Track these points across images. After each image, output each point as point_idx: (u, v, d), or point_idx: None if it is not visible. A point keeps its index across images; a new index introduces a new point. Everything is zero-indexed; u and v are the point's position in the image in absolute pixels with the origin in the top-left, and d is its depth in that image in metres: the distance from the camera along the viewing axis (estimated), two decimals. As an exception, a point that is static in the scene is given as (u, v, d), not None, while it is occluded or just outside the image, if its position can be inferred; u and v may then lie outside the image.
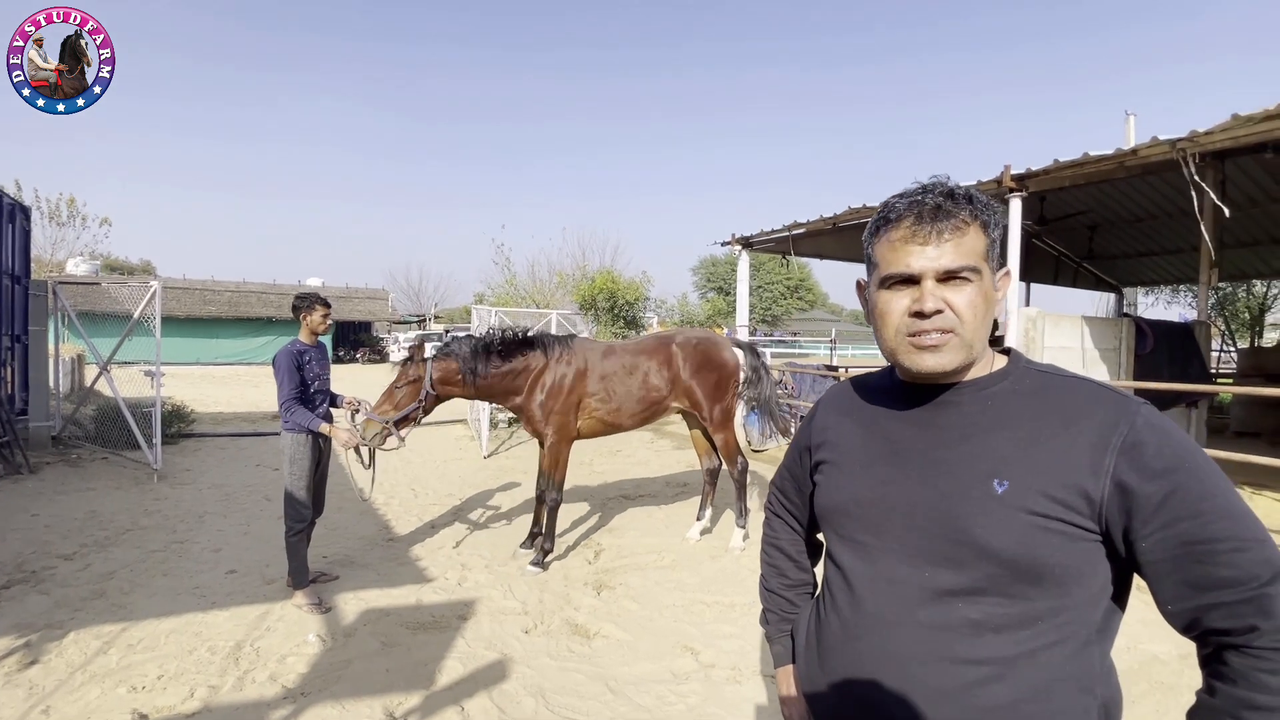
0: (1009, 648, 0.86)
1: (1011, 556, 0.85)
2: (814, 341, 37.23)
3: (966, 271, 0.89)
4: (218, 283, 27.48)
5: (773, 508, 1.34)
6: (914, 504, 0.94)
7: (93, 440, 7.63)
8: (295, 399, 3.70)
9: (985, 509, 0.87)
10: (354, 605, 3.74)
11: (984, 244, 0.92)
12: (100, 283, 7.87)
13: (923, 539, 0.92)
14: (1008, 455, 0.88)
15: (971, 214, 0.91)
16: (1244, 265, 11.88)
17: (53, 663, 3.03)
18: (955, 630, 0.89)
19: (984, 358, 0.97)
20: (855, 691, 0.97)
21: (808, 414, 1.23)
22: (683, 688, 2.94)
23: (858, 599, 0.98)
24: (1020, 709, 0.86)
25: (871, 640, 0.95)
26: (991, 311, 0.93)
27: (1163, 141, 4.67)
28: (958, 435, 0.93)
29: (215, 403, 13.15)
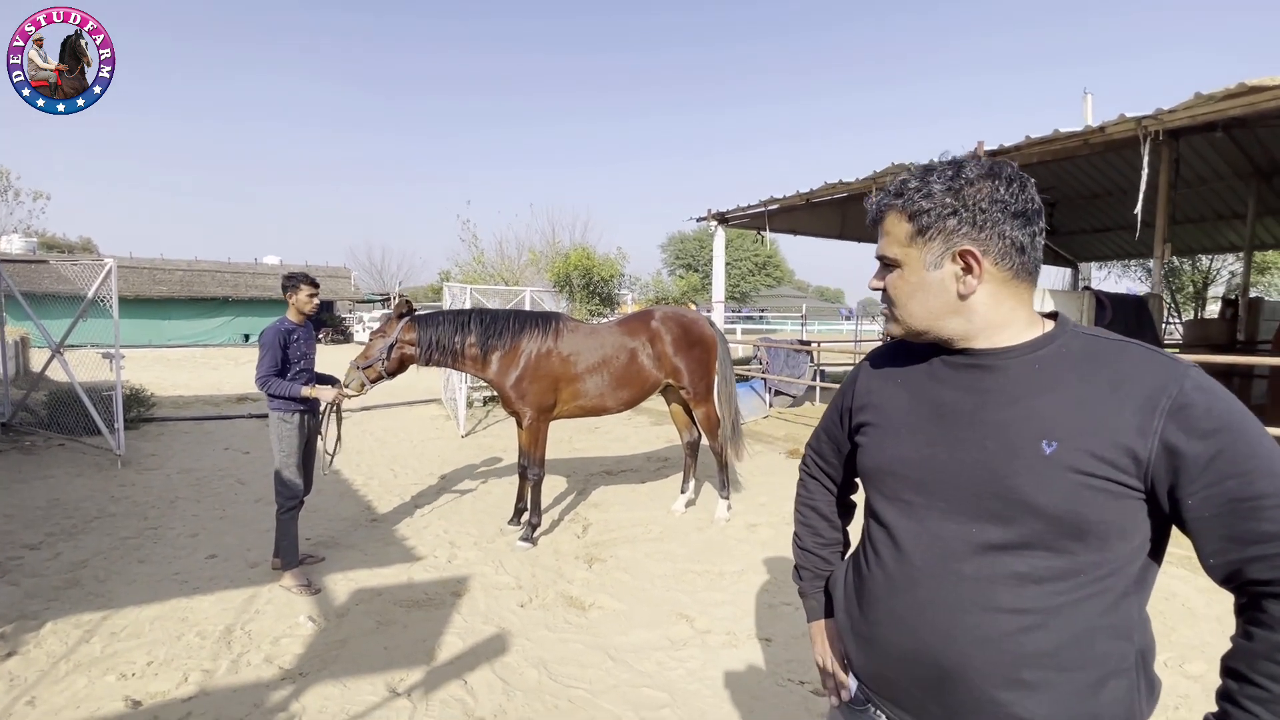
0: (1051, 598, 0.91)
1: (1058, 513, 0.89)
2: (780, 317, 37.76)
3: (889, 259, 1.04)
4: (168, 261, 26.26)
5: (808, 469, 1.38)
6: (961, 463, 0.98)
7: (46, 426, 7.29)
8: (273, 375, 3.62)
9: (1033, 468, 0.91)
10: (344, 586, 3.70)
11: (906, 230, 1.01)
12: (49, 260, 7.43)
13: (969, 496, 0.96)
14: (1056, 417, 0.92)
15: (900, 206, 1.02)
16: (1190, 240, 12.44)
17: (32, 653, 2.93)
18: (999, 582, 0.93)
19: (1033, 322, 1.00)
20: (900, 640, 1.02)
21: (848, 378, 1.26)
22: (681, 653, 3.02)
23: (903, 553, 1.02)
24: (1061, 655, 0.91)
25: (917, 592, 1.00)
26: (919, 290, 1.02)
27: (1129, 119, 4.83)
28: (1006, 398, 0.97)
29: (174, 386, 12.65)
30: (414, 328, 4.28)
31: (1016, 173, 1.00)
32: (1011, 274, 0.98)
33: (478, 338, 4.35)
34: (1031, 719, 0.91)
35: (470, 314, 4.46)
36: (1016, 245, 0.97)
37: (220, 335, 25.80)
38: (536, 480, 4.47)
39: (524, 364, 4.39)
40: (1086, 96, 10.52)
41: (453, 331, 4.33)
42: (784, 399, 9.87)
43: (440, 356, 4.34)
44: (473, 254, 19.32)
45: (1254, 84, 4.14)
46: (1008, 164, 1.02)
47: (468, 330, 4.36)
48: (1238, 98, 4.36)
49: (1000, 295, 0.99)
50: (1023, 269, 0.98)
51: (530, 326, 4.49)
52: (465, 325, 4.37)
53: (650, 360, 4.71)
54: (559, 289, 12.58)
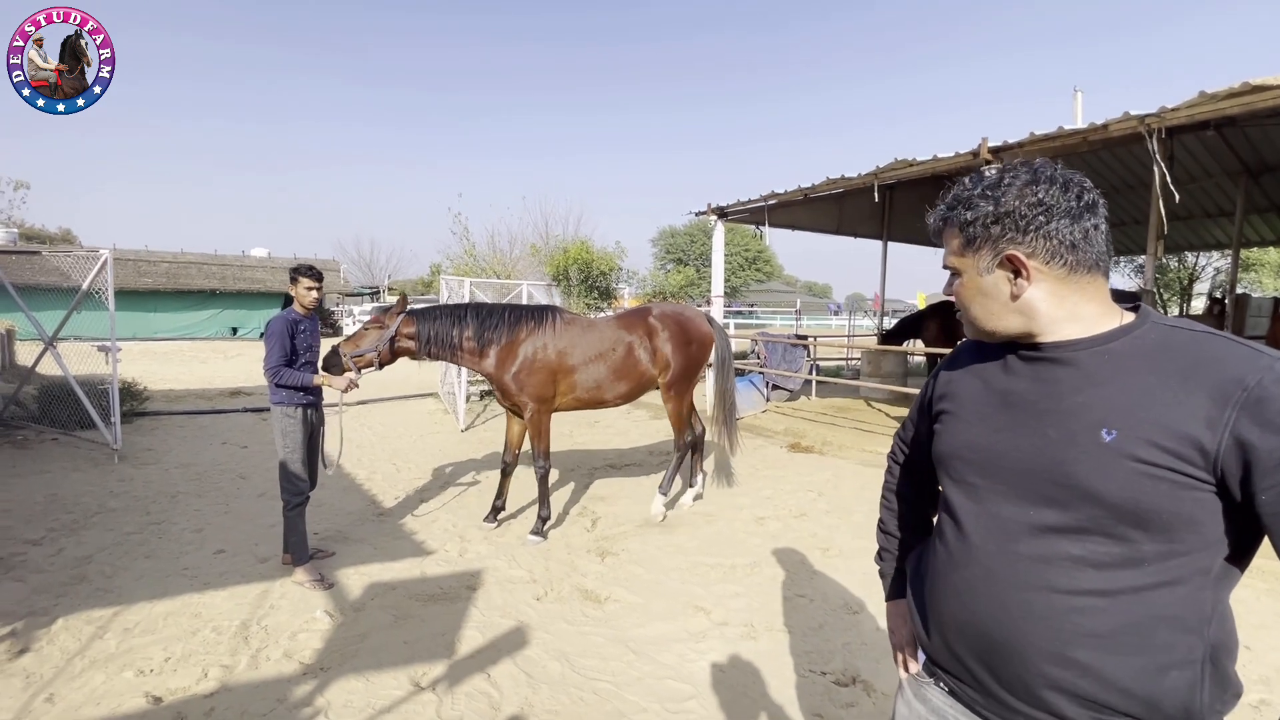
0: (1109, 583, 0.93)
1: (1115, 501, 0.91)
2: (770, 312, 37.85)
3: (951, 269, 1.10)
4: (153, 253, 25.74)
5: (894, 457, 1.45)
6: (1021, 449, 1.02)
7: (38, 421, 7.16)
8: (283, 365, 3.59)
9: (1091, 455, 0.93)
10: (357, 580, 3.68)
11: (958, 241, 1.06)
12: (41, 252, 7.29)
13: (1028, 480, 1.00)
14: (1117, 405, 0.94)
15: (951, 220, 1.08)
16: (1179, 238, 12.63)
17: (45, 650, 2.89)
18: (1054, 562, 0.96)
19: (1110, 314, 1.01)
20: (958, 613, 1.07)
21: (934, 371, 1.31)
22: (701, 645, 3.04)
23: (964, 532, 1.07)
24: (1117, 639, 0.92)
25: (973, 569, 1.04)
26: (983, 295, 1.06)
27: (1132, 116, 4.89)
28: (1071, 388, 0.99)
29: (163, 380, 12.46)
30: (413, 321, 4.27)
31: (1060, 173, 1.02)
32: (1067, 270, 0.99)
33: (475, 331, 4.36)
34: (1079, 693, 0.94)
35: (467, 308, 4.46)
36: (1067, 243, 0.99)
37: (208, 328, 25.40)
38: (543, 473, 4.47)
39: (522, 357, 4.39)
40: (1077, 94, 10.63)
41: (450, 325, 4.34)
42: (781, 393, 9.93)
43: (438, 350, 4.35)
44: (464, 247, 19.20)
45: (1258, 83, 4.20)
46: (1050, 165, 1.04)
47: (465, 324, 4.37)
48: (1240, 97, 4.42)
49: (1061, 292, 1.00)
50: (1080, 264, 0.99)
51: (527, 320, 4.50)
52: (462, 319, 4.38)
53: (647, 355, 4.71)
54: (557, 282, 12.54)
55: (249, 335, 25.70)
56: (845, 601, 3.44)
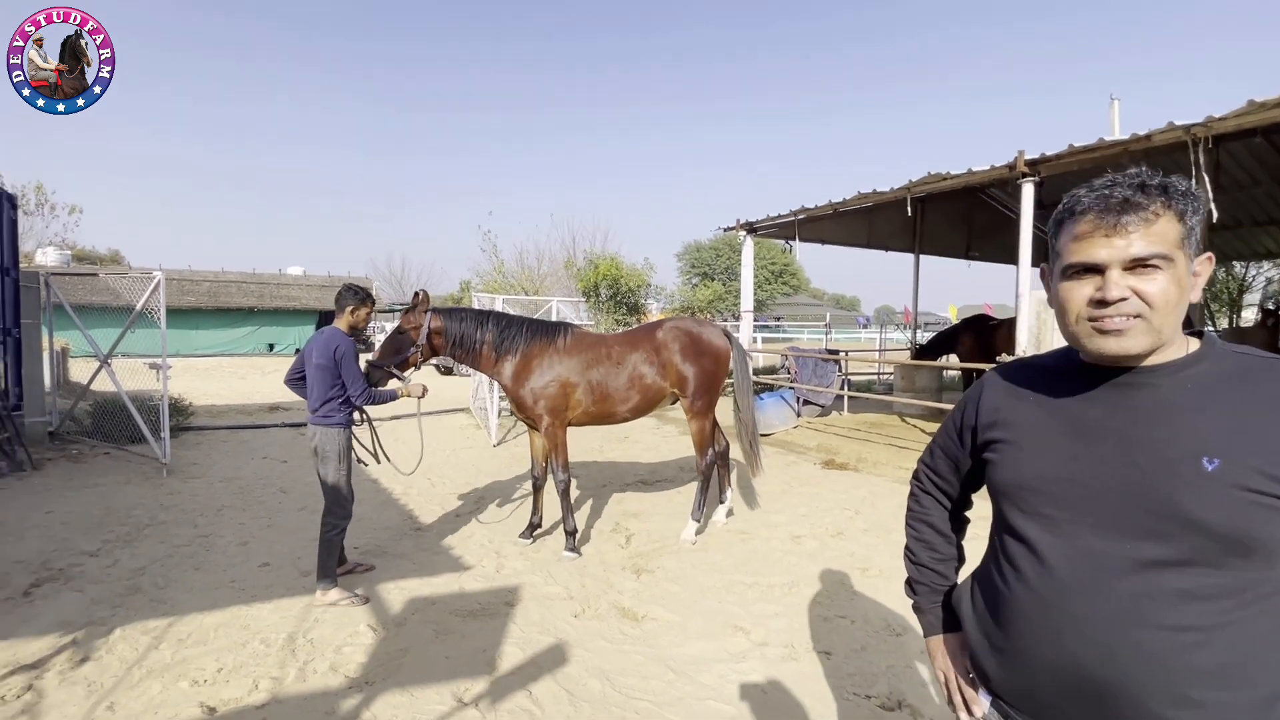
0: (1215, 615, 0.90)
1: (1224, 530, 0.89)
2: (798, 326, 37.54)
3: (1156, 259, 0.93)
4: (195, 272, 26.73)
5: (922, 485, 1.39)
6: (1109, 480, 0.97)
7: (91, 435, 7.45)
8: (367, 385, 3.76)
9: (1195, 485, 0.90)
10: (397, 595, 3.74)
11: (1178, 231, 0.95)
12: (98, 274, 7.63)
13: (1121, 513, 0.95)
14: (1216, 434, 0.92)
15: (1165, 203, 0.94)
16: (1227, 247, 12.22)
17: (105, 659, 2.99)
18: (1161, 598, 0.92)
19: (1175, 341, 1.00)
20: (1051, 655, 1.00)
21: (969, 396, 1.26)
22: (742, 666, 3.00)
23: (1050, 570, 1.01)
24: (1228, 673, 0.90)
25: (1070, 607, 0.98)
26: (1185, 297, 0.96)
27: (1177, 126, 4.79)
28: (1158, 415, 0.97)
29: (204, 396, 12.87)
30: (441, 318, 4.34)
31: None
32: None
33: (495, 337, 4.43)
34: None
35: (490, 314, 4.56)
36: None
37: (246, 345, 26.19)
38: (564, 487, 4.48)
39: (535, 371, 4.44)
40: (1113, 103, 10.42)
41: (475, 327, 4.42)
42: (812, 408, 9.82)
43: (462, 353, 4.42)
44: (493, 264, 19.54)
45: (1310, 90, 4.09)
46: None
47: (486, 328, 4.45)
48: (1291, 104, 4.31)
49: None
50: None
51: (541, 335, 4.56)
52: (485, 323, 4.46)
53: (656, 369, 4.67)
54: (586, 298, 12.66)
55: (284, 351, 26.42)
56: (888, 623, 3.37)
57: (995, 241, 11.80)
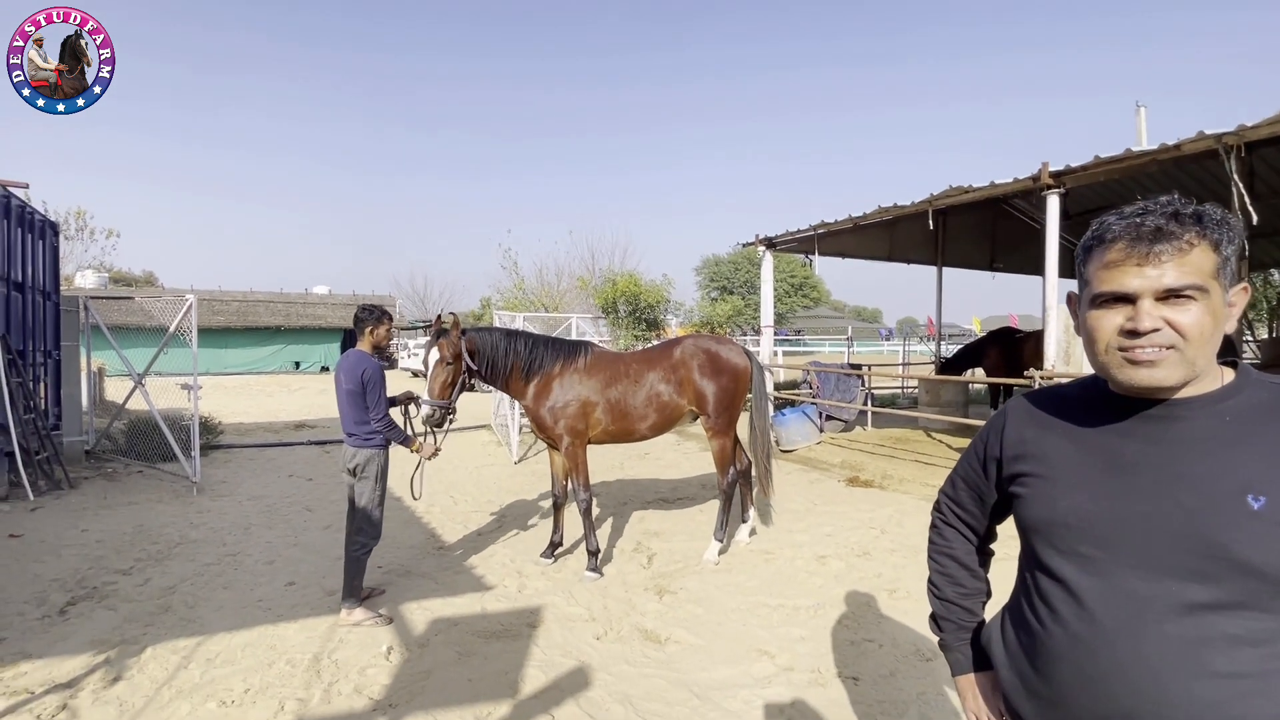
0: (1269, 661, 0.86)
1: (1275, 572, 0.85)
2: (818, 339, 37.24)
3: (1190, 290, 0.90)
4: (225, 292, 27.50)
5: (944, 517, 1.35)
6: (1149, 517, 0.93)
7: (125, 454, 7.65)
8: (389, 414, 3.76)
9: (1242, 524, 0.87)
10: (420, 615, 3.74)
11: (1213, 262, 0.91)
12: (134, 297, 7.89)
13: (1165, 553, 0.91)
14: (1260, 470, 0.88)
15: (1199, 233, 0.91)
16: (1263, 255, 11.87)
17: (136, 679, 3.04)
18: (1211, 644, 0.88)
19: (1210, 373, 0.96)
20: (1096, 704, 0.96)
21: (991, 426, 1.22)
22: (767, 691, 2.95)
23: (1089, 611, 0.97)
24: None
25: (1115, 653, 0.94)
26: (1220, 328, 0.93)
27: (1208, 135, 4.68)
28: (1197, 450, 0.93)
29: (232, 413, 13.14)
30: (474, 340, 4.31)
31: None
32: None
33: (524, 356, 4.43)
34: None
35: (518, 333, 4.58)
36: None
37: (273, 363, 26.80)
38: (585, 506, 4.46)
39: (556, 391, 4.44)
40: (1140, 110, 10.25)
41: (505, 346, 4.40)
42: (835, 424, 9.70)
43: (491, 372, 4.38)
44: (513, 281, 19.76)
45: (1347, 97, 3.98)
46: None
47: (514, 348, 4.43)
48: (1327, 111, 4.19)
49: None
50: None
51: (563, 355, 4.55)
52: (514, 344, 4.45)
53: (674, 387, 4.65)
54: (605, 314, 12.72)
55: (310, 369, 26.94)
56: (917, 648, 3.29)
57: (1020, 253, 11.62)
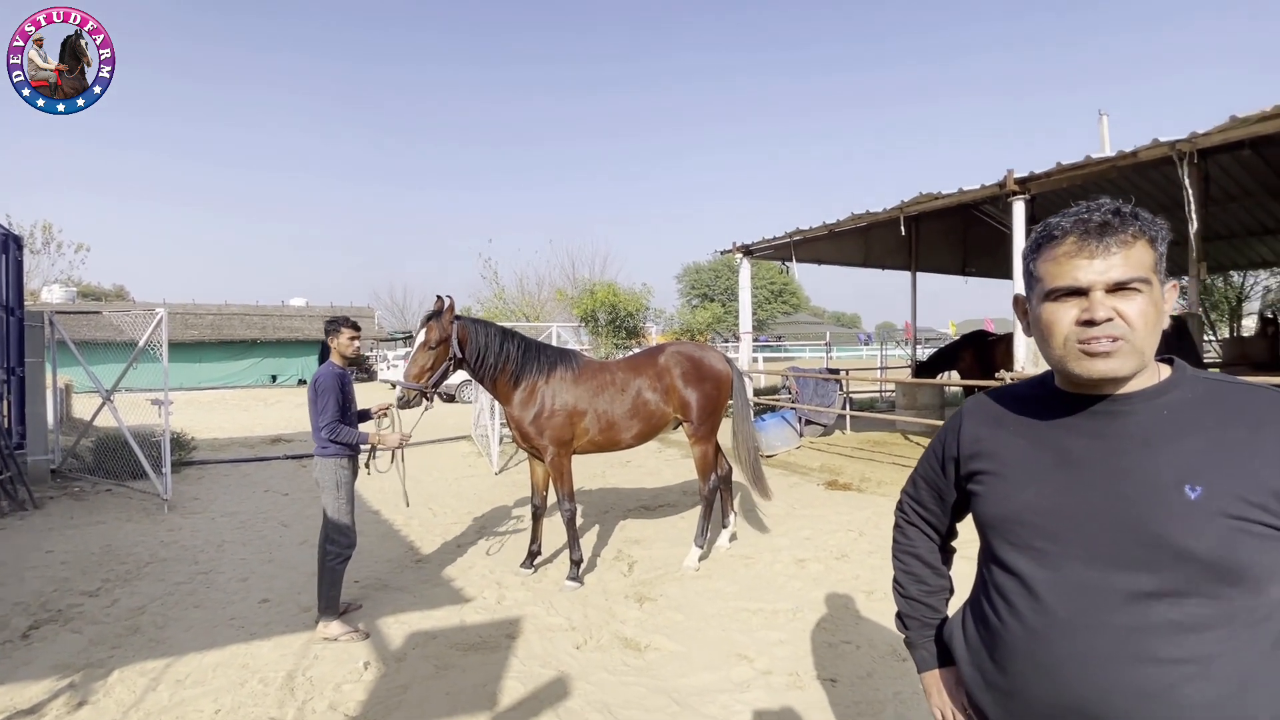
0: (1208, 646, 0.89)
1: (1212, 559, 0.88)
2: (799, 345, 37.59)
3: (1136, 282, 0.94)
4: (199, 305, 26.99)
5: (907, 517, 1.38)
6: (1096, 510, 0.97)
7: (93, 472, 7.46)
8: (338, 421, 3.68)
9: (1180, 514, 0.90)
10: (398, 629, 3.70)
11: (1152, 257, 0.96)
12: (101, 311, 7.71)
13: (1111, 544, 0.95)
14: (1197, 461, 0.92)
15: (1139, 229, 0.96)
16: (1222, 257, 12.28)
17: (102, 703, 2.96)
18: (1155, 631, 0.91)
19: (1150, 368, 1.01)
20: (1050, 694, 0.99)
21: (949, 426, 1.26)
22: (746, 696, 2.96)
23: (1043, 604, 1.00)
24: (1224, 706, 0.89)
25: (1066, 643, 0.97)
26: (1161, 321, 0.97)
27: (1162, 143, 4.85)
28: (1137, 443, 0.97)
29: (208, 429, 12.89)
30: (467, 329, 4.19)
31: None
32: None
33: (515, 362, 4.31)
34: None
35: (511, 334, 4.42)
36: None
37: (248, 376, 26.32)
38: (569, 516, 4.44)
39: (541, 400, 4.38)
40: (1102, 118, 10.56)
41: (499, 345, 4.28)
42: (814, 428, 9.80)
43: (479, 370, 4.25)
44: (494, 290, 19.69)
45: (1290, 105, 4.15)
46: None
47: (509, 346, 4.31)
48: (1273, 119, 4.38)
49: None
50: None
51: (549, 363, 4.49)
52: (508, 342, 4.33)
53: (659, 395, 4.65)
54: (585, 324, 12.72)
55: (287, 382, 26.52)
56: (894, 648, 3.32)
57: (991, 257, 11.87)
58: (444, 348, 4.06)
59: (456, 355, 4.11)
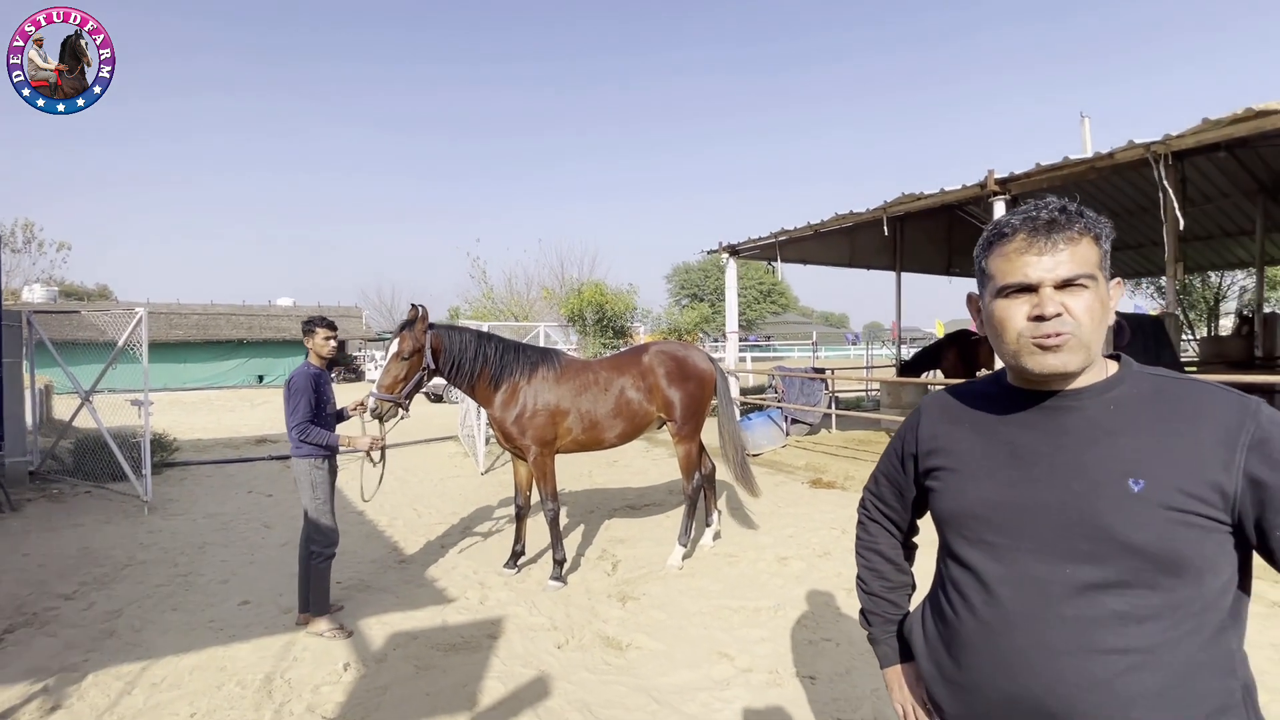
0: (1152, 636, 0.91)
1: (1153, 550, 0.90)
2: (787, 344, 37.77)
3: (1083, 278, 0.96)
4: (184, 305, 26.69)
5: (868, 513, 1.39)
6: (1046, 504, 0.98)
7: (73, 474, 7.36)
8: (310, 422, 3.65)
9: (1123, 507, 0.92)
10: (379, 630, 3.69)
11: (1097, 254, 0.99)
12: (80, 311, 7.61)
13: (1059, 537, 0.97)
14: (1139, 455, 0.94)
15: (1084, 227, 0.98)
16: (1200, 258, 12.47)
17: (75, 707, 2.93)
18: (1101, 622, 0.93)
19: (1098, 364, 1.03)
20: (1002, 686, 1.00)
21: (908, 423, 1.27)
22: (726, 693, 2.98)
23: (996, 598, 1.01)
24: (1169, 694, 0.90)
25: (1017, 636, 0.98)
26: (1107, 317, 0.99)
27: (1138, 145, 4.92)
28: (1084, 438, 0.99)
29: (192, 430, 12.74)
30: (440, 338, 4.18)
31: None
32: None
33: (493, 365, 4.31)
34: None
35: (487, 337, 4.43)
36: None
37: (235, 377, 26.06)
38: (553, 516, 4.44)
39: (523, 400, 4.37)
40: (1084, 121, 10.70)
41: (474, 349, 4.27)
42: (800, 427, 9.85)
43: (458, 377, 4.26)
44: (483, 290, 19.62)
45: (1261, 108, 4.23)
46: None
47: (485, 350, 4.31)
48: (1244, 122, 4.45)
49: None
50: None
51: (531, 363, 4.48)
52: (484, 346, 4.32)
53: (643, 394, 4.66)
54: (572, 323, 12.71)
55: (274, 382, 26.27)
56: (872, 645, 3.36)
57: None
58: (418, 358, 4.05)
59: (430, 365, 4.11)
